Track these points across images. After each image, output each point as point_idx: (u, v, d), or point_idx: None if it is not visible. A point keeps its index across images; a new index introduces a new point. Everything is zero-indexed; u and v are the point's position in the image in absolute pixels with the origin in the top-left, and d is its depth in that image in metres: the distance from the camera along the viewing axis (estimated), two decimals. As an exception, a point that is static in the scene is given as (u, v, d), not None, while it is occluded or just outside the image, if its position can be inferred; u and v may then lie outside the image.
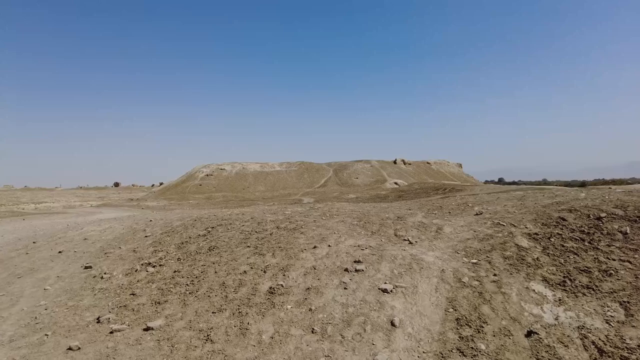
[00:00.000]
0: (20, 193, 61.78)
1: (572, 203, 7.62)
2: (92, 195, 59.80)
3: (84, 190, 68.52)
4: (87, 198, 57.72)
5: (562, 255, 5.43)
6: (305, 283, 4.86)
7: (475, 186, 37.45)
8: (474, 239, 6.06)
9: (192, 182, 49.06)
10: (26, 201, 52.88)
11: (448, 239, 6.13)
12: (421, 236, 6.23)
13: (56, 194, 61.46)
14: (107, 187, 73.48)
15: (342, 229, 6.81)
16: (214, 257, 6.69)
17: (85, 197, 58.77)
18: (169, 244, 8.29)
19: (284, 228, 7.32)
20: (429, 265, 5.04)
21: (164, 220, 11.27)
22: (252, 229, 7.68)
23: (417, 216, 7.34)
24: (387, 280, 4.69)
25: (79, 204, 49.77)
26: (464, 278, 4.78)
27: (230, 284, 5.37)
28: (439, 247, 5.77)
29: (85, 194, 62.38)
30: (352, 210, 8.41)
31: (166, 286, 5.98)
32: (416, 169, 60.51)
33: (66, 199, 55.55)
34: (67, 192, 65.39)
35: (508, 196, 9.30)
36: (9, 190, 62.11)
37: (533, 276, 4.87)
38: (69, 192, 64.13)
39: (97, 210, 33.30)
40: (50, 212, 30.31)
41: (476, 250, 5.64)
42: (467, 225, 6.66)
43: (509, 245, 5.75)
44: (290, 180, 51.10)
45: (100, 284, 6.72)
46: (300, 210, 8.99)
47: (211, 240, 7.58)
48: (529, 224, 6.57)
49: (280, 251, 6.05)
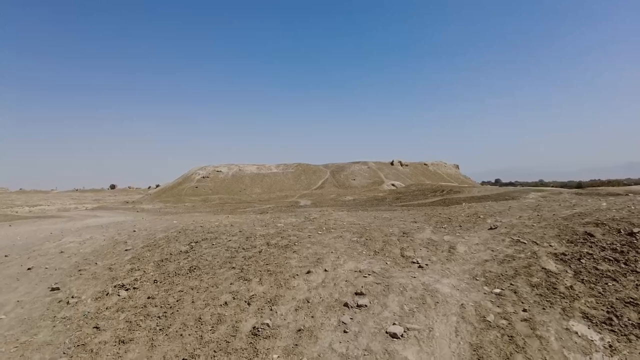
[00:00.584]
0: (15, 196, 60.55)
1: (596, 215, 6.76)
2: (87, 198, 58.71)
3: (80, 192, 67.26)
4: (82, 201, 56.53)
5: (599, 282, 4.55)
6: (296, 322, 3.95)
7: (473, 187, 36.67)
8: (493, 260, 5.18)
9: (188, 185, 48.06)
10: (20, 204, 51.67)
11: (463, 260, 5.23)
12: (432, 257, 5.33)
13: (51, 197, 60.33)
14: (103, 190, 72.21)
15: (340, 247, 5.91)
16: (193, 280, 5.76)
17: (81, 199, 57.60)
18: (148, 260, 7.36)
19: (275, 245, 6.41)
20: (446, 299, 4.14)
21: (147, 231, 10.33)
22: (240, 245, 6.76)
23: (425, 231, 6.44)
24: (396, 319, 3.79)
25: (74, 206, 48.64)
26: (488, 316, 3.89)
27: (208, 319, 4.45)
28: (454, 272, 4.88)
29: (81, 196, 61.27)
30: (351, 223, 7.51)
31: (136, 318, 5.05)
32: (413, 170, 59.75)
33: (61, 202, 54.34)
34: (63, 194, 64.17)
35: (521, 205, 8.43)
36: (3, 193, 60.83)
37: (571, 312, 3.99)
38: (65, 195, 62.94)
39: (92, 214, 32.26)
40: (42, 216, 29.26)
41: (497, 276, 4.76)
42: (483, 243, 5.77)
43: (534, 269, 4.87)
44: (287, 182, 50.19)
45: (63, 312, 5.78)
46: (294, 222, 8.08)
47: (193, 259, 6.66)
48: (553, 241, 5.70)
49: (268, 276, 5.14)
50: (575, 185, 58.26)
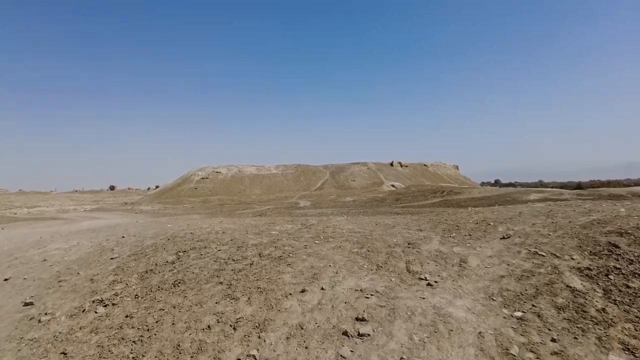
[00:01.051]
0: (15, 197, 59.99)
1: (617, 223, 6.15)
2: (87, 199, 58.14)
3: (79, 193, 66.62)
4: (82, 202, 55.94)
5: (634, 303, 3.95)
6: (287, 354, 3.34)
7: (473, 188, 36.01)
8: (510, 276, 4.58)
9: (188, 186, 47.46)
10: (19, 205, 51.07)
11: (476, 276, 4.63)
12: (441, 272, 4.73)
13: (51, 198, 59.76)
14: (102, 191, 71.55)
15: (339, 260, 5.31)
16: (176, 297, 5.16)
17: (80, 200, 57.00)
18: (132, 271, 6.77)
19: (268, 256, 5.81)
20: (461, 325, 3.54)
21: (137, 237, 9.72)
22: (230, 256, 6.16)
23: (433, 241, 5.83)
24: (405, 353, 3.18)
25: (72, 208, 48.05)
26: (512, 347, 3.29)
27: (187, 347, 3.85)
28: (467, 291, 4.28)
29: (80, 197, 60.71)
30: (351, 231, 6.90)
31: (109, 342, 4.44)
32: (413, 171, 59.17)
33: (60, 203, 53.74)
34: (62, 195, 63.58)
35: (532, 211, 7.83)
36: (3, 194, 60.23)
37: (608, 342, 3.39)
38: (64, 196, 62.36)
39: (90, 215, 31.64)
40: (39, 218, 28.65)
41: (517, 296, 4.16)
42: (497, 256, 5.17)
43: (558, 287, 4.27)
44: (287, 183, 49.60)
45: (33, 332, 5.18)
46: (290, 230, 7.48)
47: (179, 271, 6.06)
48: (575, 253, 5.10)
49: (258, 294, 4.54)
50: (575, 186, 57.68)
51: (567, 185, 68.59)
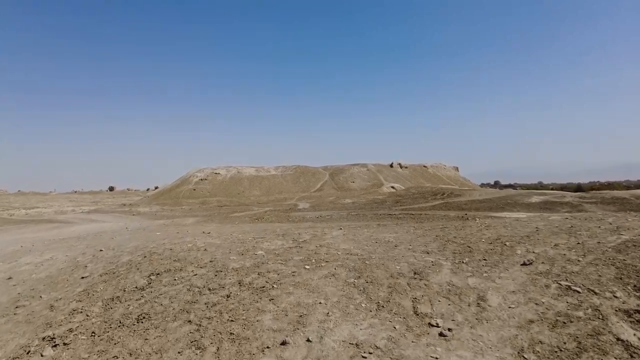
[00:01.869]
0: (14, 198, 59.13)
1: (656, 246, 5.22)
2: (86, 200, 57.27)
3: (79, 194, 65.68)
4: (80, 203, 55.02)
5: None
6: None
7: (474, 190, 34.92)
8: (542, 322, 3.64)
9: (186, 187, 46.54)
10: (18, 206, 50.15)
11: (499, 321, 3.70)
12: (456, 315, 3.80)
13: (50, 199, 58.90)
14: (101, 192, 70.60)
15: (331, 294, 4.37)
16: (136, 339, 4.23)
17: (79, 201, 56.08)
18: (98, 297, 5.85)
19: (249, 286, 4.88)
20: (489, 407, 2.61)
21: (115, 251, 8.80)
22: (206, 284, 5.23)
23: (443, 270, 4.89)
24: None
25: (70, 209, 47.07)
26: None
27: None
28: (491, 344, 3.34)
29: (80, 198, 59.86)
30: (348, 252, 5.95)
31: (43, 403, 3.54)
32: (412, 172, 58.20)
33: (59, 204, 52.81)
34: (61, 196, 62.74)
35: (550, 227, 6.89)
36: (2, 195, 59.36)
37: None
38: (63, 197, 61.54)
39: (86, 217, 30.68)
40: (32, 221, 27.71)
41: (553, 352, 3.22)
42: (521, 291, 4.23)
43: (606, 339, 3.33)
44: (286, 184, 48.67)
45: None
46: (278, 249, 6.54)
47: (146, 301, 5.13)
48: (616, 287, 4.16)
49: (230, 343, 3.61)
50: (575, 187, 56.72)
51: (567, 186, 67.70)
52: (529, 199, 24.91)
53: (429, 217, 15.53)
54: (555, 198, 23.81)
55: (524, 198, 25.62)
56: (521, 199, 25.57)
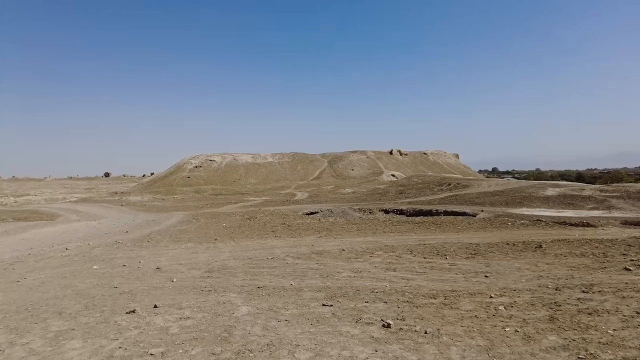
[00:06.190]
0: (6, 184, 56.06)
1: None
2: (80, 186, 54.26)
3: (74, 180, 62.65)
4: (74, 189, 52.19)
5: None
6: None
7: (481, 181, 31.98)
8: None
9: (180, 174, 43.65)
10: (8, 194, 47.22)
11: None
12: None
13: (43, 185, 55.86)
14: (97, 177, 67.54)
15: None
16: None
17: (72, 188, 53.19)
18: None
19: None
20: None
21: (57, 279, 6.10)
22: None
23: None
24: None
25: (62, 196, 44.22)
26: None
27: None
28: None
29: (74, 184, 56.83)
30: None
31: None
32: (413, 159, 55.46)
33: (51, 191, 49.94)
34: (56, 182, 59.70)
35: None
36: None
37: None
38: (58, 183, 58.49)
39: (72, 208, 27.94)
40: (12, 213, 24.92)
41: None
42: None
43: None
44: (283, 172, 45.88)
45: None
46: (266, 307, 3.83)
47: None
48: None
49: None
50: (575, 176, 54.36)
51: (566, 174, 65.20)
52: (544, 191, 22.14)
53: (464, 227, 12.81)
54: (574, 191, 21.03)
55: (538, 191, 22.83)
56: (536, 192, 22.79)
